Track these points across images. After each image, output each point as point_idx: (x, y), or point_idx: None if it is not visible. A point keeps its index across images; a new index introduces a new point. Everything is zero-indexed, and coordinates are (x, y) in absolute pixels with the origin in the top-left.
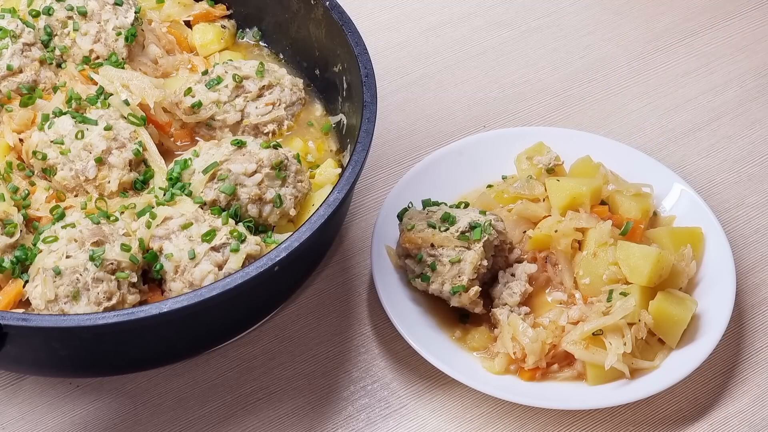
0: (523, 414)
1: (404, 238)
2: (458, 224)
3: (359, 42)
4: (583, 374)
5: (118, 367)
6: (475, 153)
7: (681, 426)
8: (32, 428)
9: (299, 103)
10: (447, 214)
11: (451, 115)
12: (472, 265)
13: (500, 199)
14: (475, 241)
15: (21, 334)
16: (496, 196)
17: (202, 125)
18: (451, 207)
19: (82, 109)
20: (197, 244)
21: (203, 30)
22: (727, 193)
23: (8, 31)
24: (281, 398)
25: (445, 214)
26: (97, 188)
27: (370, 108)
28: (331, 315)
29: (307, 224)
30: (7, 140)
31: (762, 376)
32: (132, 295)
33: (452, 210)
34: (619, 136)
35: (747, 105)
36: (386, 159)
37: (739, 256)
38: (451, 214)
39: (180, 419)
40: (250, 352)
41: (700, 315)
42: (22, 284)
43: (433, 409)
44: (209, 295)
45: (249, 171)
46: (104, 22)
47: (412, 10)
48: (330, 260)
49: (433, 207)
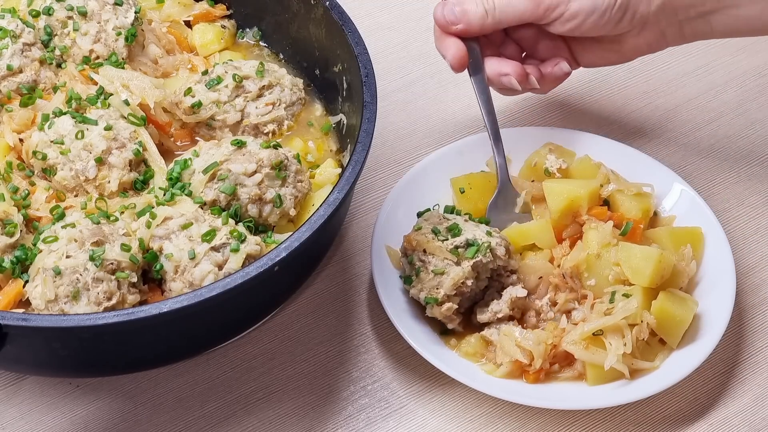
0: (523, 414)
1: (405, 237)
2: (458, 238)
3: (359, 42)
4: (583, 374)
5: (118, 367)
6: (475, 153)
7: (681, 426)
8: (32, 428)
9: (299, 103)
10: (455, 225)
11: (451, 115)
12: (453, 281)
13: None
14: (466, 258)
15: (21, 334)
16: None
17: (202, 125)
18: (470, 220)
19: (82, 109)
20: (197, 244)
21: (203, 30)
22: (727, 193)
23: (8, 31)
24: (281, 398)
25: (453, 225)
26: (97, 188)
27: (370, 108)
28: (331, 315)
29: (307, 224)
30: (7, 140)
31: (762, 376)
32: (132, 295)
33: (466, 223)
34: (619, 136)
35: (747, 105)
36: (386, 159)
37: (739, 256)
38: (459, 226)
39: (180, 419)
40: (250, 352)
41: (700, 315)
42: (22, 284)
43: (433, 409)
44: (209, 295)
45: (249, 171)
46: (104, 22)
47: (412, 10)
48: (330, 260)
49: (452, 215)
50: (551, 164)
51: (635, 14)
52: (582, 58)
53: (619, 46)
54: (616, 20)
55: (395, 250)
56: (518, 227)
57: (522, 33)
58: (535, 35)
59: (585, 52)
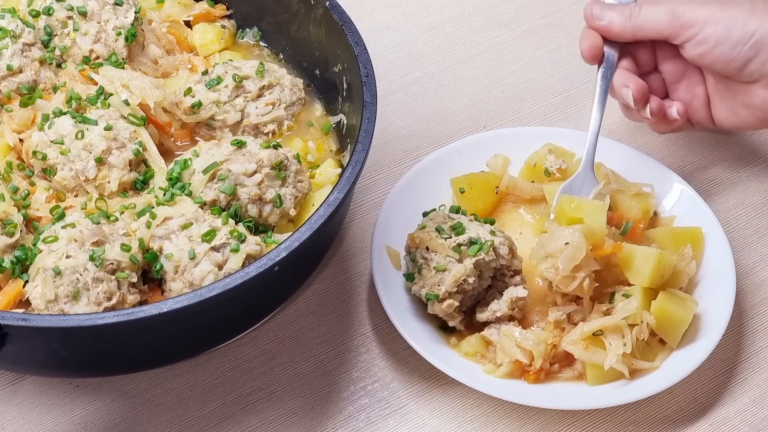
0: (523, 414)
1: (409, 235)
2: (461, 236)
3: (359, 42)
4: (583, 374)
5: (118, 367)
6: (475, 153)
7: (681, 426)
8: (32, 428)
9: (299, 103)
10: (458, 224)
11: (451, 115)
12: (454, 277)
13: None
14: (469, 256)
15: (21, 334)
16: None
17: (202, 125)
18: (475, 220)
19: (82, 109)
20: (197, 244)
21: (203, 30)
22: (727, 193)
23: (8, 31)
24: (281, 398)
25: (457, 224)
26: (97, 188)
27: (370, 108)
28: (331, 315)
29: (307, 224)
30: (7, 140)
31: (762, 376)
32: (132, 295)
33: (470, 222)
34: (619, 136)
35: None
36: (386, 159)
37: (739, 256)
38: (462, 224)
39: (180, 419)
40: (250, 352)
41: (700, 315)
42: (22, 284)
43: (433, 409)
44: (209, 295)
45: (249, 171)
46: (104, 22)
47: (412, 10)
48: (330, 260)
49: (457, 215)
50: (551, 164)
51: (766, 61)
52: (717, 112)
53: (749, 99)
54: (745, 59)
55: (395, 250)
56: (572, 197)
57: (668, 66)
58: (681, 72)
59: (720, 102)
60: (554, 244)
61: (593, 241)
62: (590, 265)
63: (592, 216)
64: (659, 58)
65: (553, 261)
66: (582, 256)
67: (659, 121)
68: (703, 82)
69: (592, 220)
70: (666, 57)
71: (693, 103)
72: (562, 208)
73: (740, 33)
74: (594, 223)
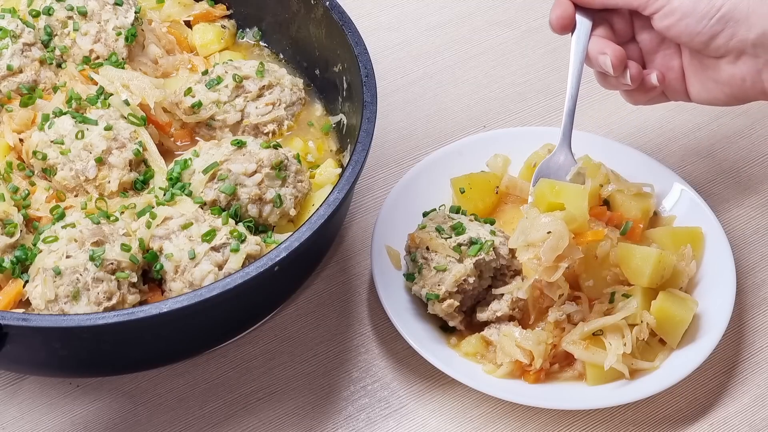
0: (523, 414)
1: (409, 235)
2: (461, 236)
3: (359, 42)
4: (583, 374)
5: (118, 367)
6: (475, 153)
7: (681, 426)
8: (32, 428)
9: (299, 103)
10: (459, 224)
11: (451, 115)
12: (455, 277)
13: None
14: (469, 256)
15: (21, 334)
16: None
17: (202, 125)
18: (475, 220)
19: (82, 109)
20: (197, 244)
21: (203, 30)
22: (727, 193)
23: (8, 31)
24: (281, 398)
25: (457, 224)
26: (97, 188)
27: (370, 108)
28: (331, 315)
29: (307, 224)
30: (7, 140)
31: (762, 376)
32: (132, 295)
33: (471, 223)
34: (619, 136)
35: (747, 105)
36: (386, 159)
37: (739, 256)
38: (463, 224)
39: (180, 419)
40: (250, 352)
41: (700, 315)
42: (22, 284)
43: (433, 409)
44: (209, 295)
45: (249, 171)
46: (104, 22)
47: (412, 10)
48: (330, 260)
49: (457, 215)
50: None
51: (732, 36)
52: (690, 86)
53: (717, 74)
54: (711, 33)
55: (395, 250)
56: (552, 181)
57: (645, 35)
58: (657, 43)
59: (693, 77)
60: (536, 233)
61: (575, 228)
62: (573, 254)
63: (574, 202)
64: (636, 27)
65: (535, 251)
66: (565, 245)
67: (637, 90)
68: (680, 55)
69: (574, 206)
70: (643, 27)
71: (668, 75)
72: (542, 192)
73: (707, 7)
74: (575, 209)
